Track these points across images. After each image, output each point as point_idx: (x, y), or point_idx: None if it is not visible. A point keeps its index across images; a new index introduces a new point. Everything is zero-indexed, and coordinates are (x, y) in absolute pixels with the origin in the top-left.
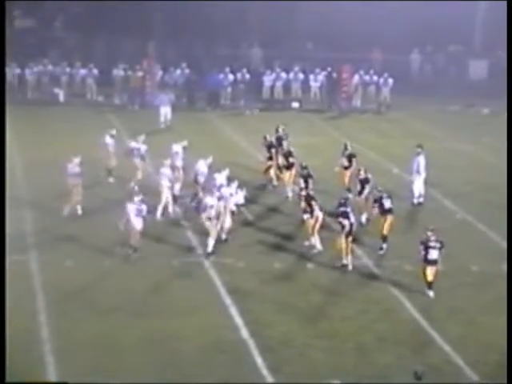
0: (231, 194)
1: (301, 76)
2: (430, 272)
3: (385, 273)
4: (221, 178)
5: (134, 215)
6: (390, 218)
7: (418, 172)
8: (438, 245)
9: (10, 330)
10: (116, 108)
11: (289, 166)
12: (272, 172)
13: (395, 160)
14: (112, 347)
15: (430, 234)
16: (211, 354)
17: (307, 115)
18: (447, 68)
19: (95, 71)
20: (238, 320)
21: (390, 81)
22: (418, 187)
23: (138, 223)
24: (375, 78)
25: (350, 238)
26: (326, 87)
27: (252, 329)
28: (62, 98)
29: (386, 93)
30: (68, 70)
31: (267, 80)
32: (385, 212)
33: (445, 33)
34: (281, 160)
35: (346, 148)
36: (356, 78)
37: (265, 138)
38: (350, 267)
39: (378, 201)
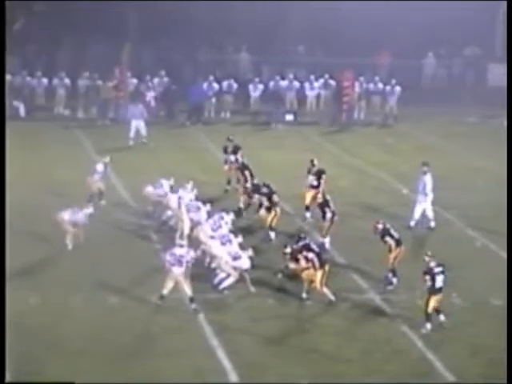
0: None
1: (296, 84)
2: (437, 301)
3: (393, 308)
4: (227, 219)
5: (177, 265)
6: (402, 250)
7: (425, 193)
8: (441, 269)
9: None
10: (84, 123)
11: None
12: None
13: (404, 179)
14: None
15: (428, 259)
16: None
17: (302, 129)
18: (463, 74)
19: (67, 81)
20: (226, 363)
21: (398, 89)
22: (423, 210)
23: (181, 270)
24: (380, 85)
25: (327, 267)
26: (326, 97)
27: (242, 373)
28: (22, 112)
29: (393, 103)
30: (29, 79)
31: (253, 89)
32: (397, 244)
33: (460, 34)
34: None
35: (313, 164)
36: (358, 86)
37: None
38: (334, 298)
39: (388, 234)
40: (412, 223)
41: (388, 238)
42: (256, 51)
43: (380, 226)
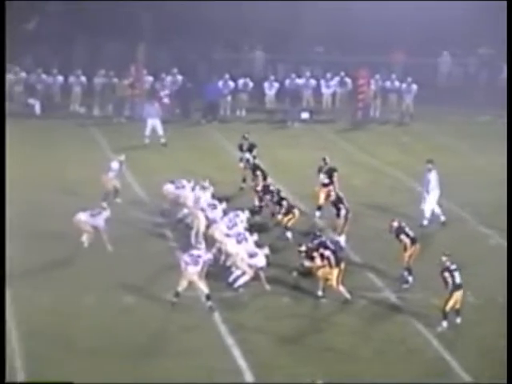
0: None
1: (313, 82)
2: (458, 299)
3: (409, 307)
4: (242, 217)
5: (192, 265)
6: (417, 248)
7: (427, 191)
8: (455, 266)
9: None
10: (100, 121)
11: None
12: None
13: (419, 178)
14: None
15: (445, 259)
16: None
17: (318, 127)
18: (478, 73)
19: (83, 79)
20: (241, 362)
21: (414, 87)
22: (430, 207)
23: (196, 270)
24: (397, 83)
25: (343, 265)
26: (341, 95)
27: (257, 372)
28: (38, 109)
29: (409, 101)
30: (44, 77)
31: (268, 87)
32: (412, 242)
33: (475, 33)
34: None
35: (325, 163)
36: (374, 83)
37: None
38: (349, 296)
39: (403, 232)
40: (425, 222)
41: (403, 237)
42: (271, 50)
43: (395, 224)
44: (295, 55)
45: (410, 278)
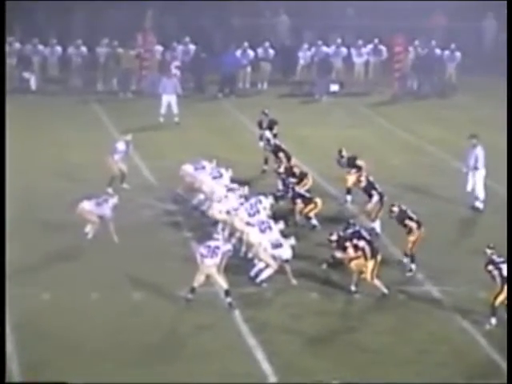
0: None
1: (344, 50)
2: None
3: (453, 302)
4: (265, 203)
5: (209, 257)
6: (422, 233)
7: (476, 168)
8: (502, 259)
9: None
10: (103, 96)
11: (301, 177)
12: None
13: (464, 156)
14: None
15: (490, 252)
16: None
17: (348, 101)
18: None
19: (83, 49)
20: (265, 366)
21: (458, 55)
22: (481, 187)
23: (213, 262)
24: (438, 51)
25: (379, 257)
26: (375, 65)
27: (283, 377)
28: (33, 84)
29: (452, 70)
30: (41, 48)
31: (303, 57)
32: (418, 226)
33: None
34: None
35: (341, 156)
36: (412, 51)
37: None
38: (387, 291)
39: (407, 217)
40: (477, 204)
41: (408, 221)
42: (296, 14)
43: (396, 209)
44: (323, 20)
45: (413, 266)
